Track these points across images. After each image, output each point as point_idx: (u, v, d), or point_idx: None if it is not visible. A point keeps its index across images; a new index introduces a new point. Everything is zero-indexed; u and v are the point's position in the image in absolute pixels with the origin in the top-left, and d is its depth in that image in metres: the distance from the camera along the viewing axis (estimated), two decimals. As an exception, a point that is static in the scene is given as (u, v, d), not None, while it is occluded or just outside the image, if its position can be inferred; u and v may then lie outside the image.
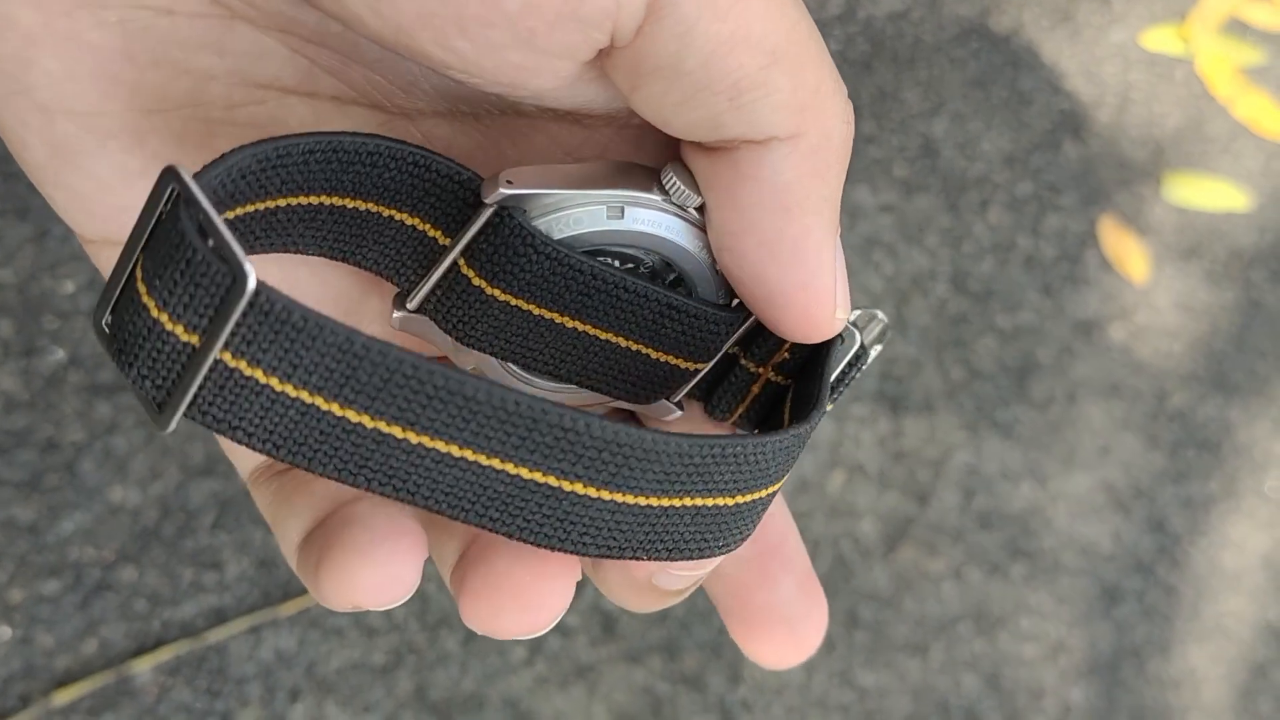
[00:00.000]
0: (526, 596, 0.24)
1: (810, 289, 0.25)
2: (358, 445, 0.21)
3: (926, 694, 1.00)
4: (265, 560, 0.87)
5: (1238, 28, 1.19)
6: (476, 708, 0.89)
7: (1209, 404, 1.12)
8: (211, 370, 0.20)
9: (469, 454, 0.22)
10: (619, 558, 0.24)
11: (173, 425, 0.21)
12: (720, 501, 0.24)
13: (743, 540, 0.26)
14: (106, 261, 0.26)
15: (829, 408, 0.28)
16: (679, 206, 0.25)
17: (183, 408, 0.21)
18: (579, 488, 0.23)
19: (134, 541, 0.84)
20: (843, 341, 0.27)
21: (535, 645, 0.91)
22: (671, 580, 0.27)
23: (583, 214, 0.25)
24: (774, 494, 0.26)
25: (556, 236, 0.25)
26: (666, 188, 0.25)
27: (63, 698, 0.82)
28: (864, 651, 0.99)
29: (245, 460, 0.28)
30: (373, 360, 0.20)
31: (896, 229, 1.05)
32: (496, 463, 0.22)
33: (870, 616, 1.00)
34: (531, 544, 0.23)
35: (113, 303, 0.21)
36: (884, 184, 1.06)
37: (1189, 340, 1.13)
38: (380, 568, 0.23)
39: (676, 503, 0.24)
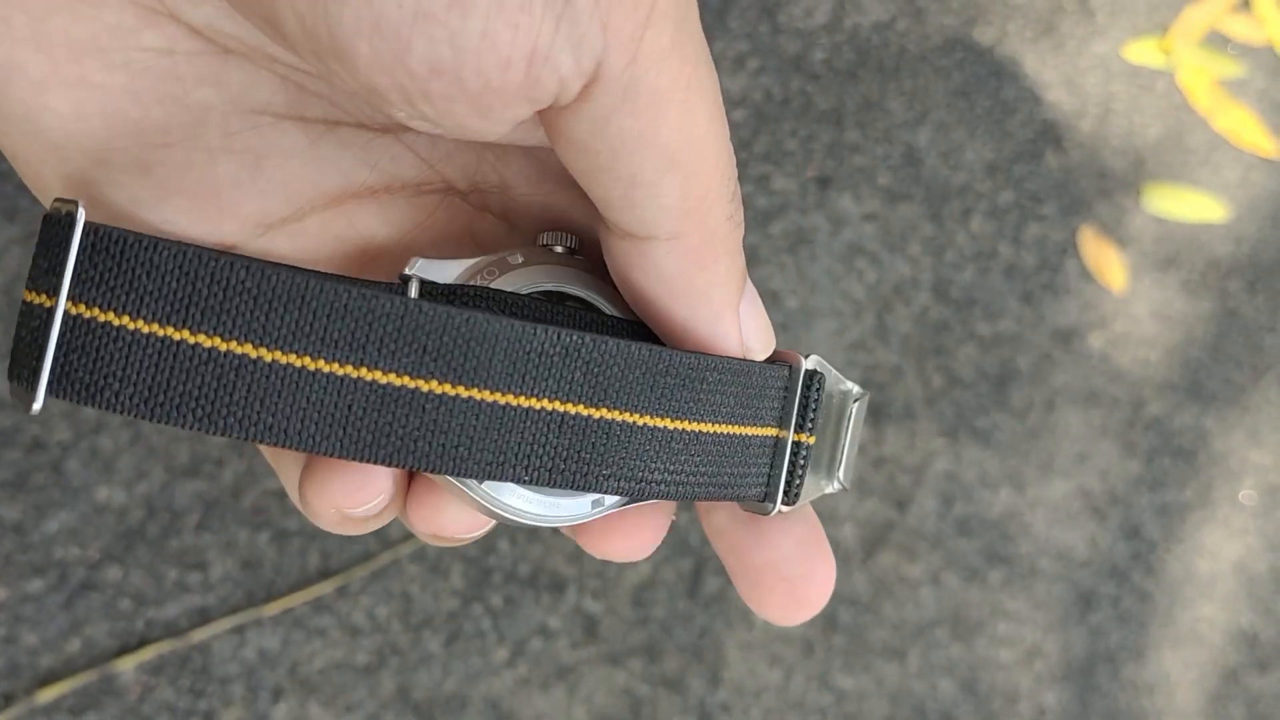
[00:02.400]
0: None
1: (714, 349, 0.27)
2: (219, 379, 0.21)
3: (904, 697, 1.01)
4: (249, 561, 0.87)
5: (1218, 41, 1.20)
6: (458, 708, 0.90)
7: (1185, 413, 1.13)
8: (67, 328, 0.21)
9: (323, 365, 0.22)
10: (500, 478, 0.24)
11: (39, 400, 0.21)
12: (580, 411, 0.24)
13: (639, 487, 0.25)
14: None
15: (790, 436, 0.28)
16: (566, 249, 0.27)
17: (45, 373, 0.21)
18: (434, 386, 0.23)
19: (119, 541, 0.85)
20: (790, 373, 0.28)
21: (517, 647, 0.92)
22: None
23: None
24: (668, 434, 0.25)
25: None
26: (543, 241, 0.27)
27: (46, 696, 0.82)
28: (842, 655, 1.00)
29: None
30: (210, 273, 0.21)
31: (879, 237, 1.06)
32: (350, 370, 0.22)
33: (849, 620, 1.01)
34: (411, 468, 0.23)
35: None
36: (867, 192, 1.07)
37: (1166, 349, 1.14)
38: (352, 472, 0.26)
39: (534, 404, 0.24)
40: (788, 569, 0.28)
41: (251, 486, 0.88)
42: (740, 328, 0.27)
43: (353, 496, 0.26)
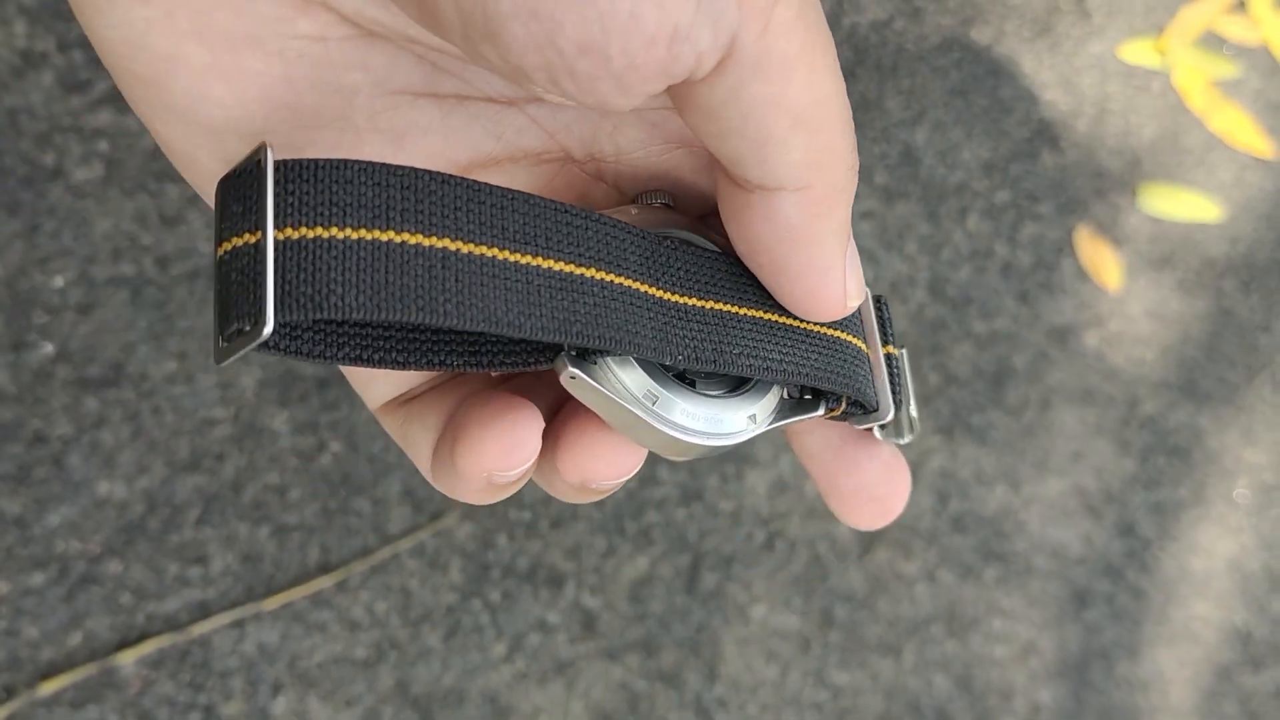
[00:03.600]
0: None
1: (820, 294, 0.29)
2: (429, 271, 0.23)
3: (899, 693, 1.01)
4: (250, 555, 0.88)
5: (1213, 42, 1.21)
6: (457, 703, 0.90)
7: (1180, 411, 1.14)
8: (280, 251, 0.22)
9: (508, 254, 0.24)
10: (661, 357, 0.27)
11: (269, 323, 0.22)
12: (693, 303, 0.28)
13: (766, 365, 0.28)
14: None
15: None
16: (662, 204, 0.30)
17: (270, 294, 0.22)
18: (593, 273, 0.26)
19: (120, 535, 0.85)
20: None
21: (515, 641, 0.92)
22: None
23: None
24: (774, 325, 0.29)
25: None
26: (642, 201, 0.30)
27: (47, 689, 0.82)
28: (838, 651, 1.00)
29: (375, 391, 0.31)
30: (399, 180, 0.23)
31: (876, 235, 1.06)
32: (529, 259, 0.25)
33: (845, 617, 1.01)
34: (598, 346, 0.25)
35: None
36: (865, 191, 1.07)
37: (1161, 348, 1.14)
38: (505, 433, 0.27)
39: (659, 294, 0.27)
40: (876, 490, 0.32)
41: (252, 481, 0.88)
42: (845, 273, 0.29)
43: (508, 457, 0.27)
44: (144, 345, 0.86)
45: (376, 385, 0.31)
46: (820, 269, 0.28)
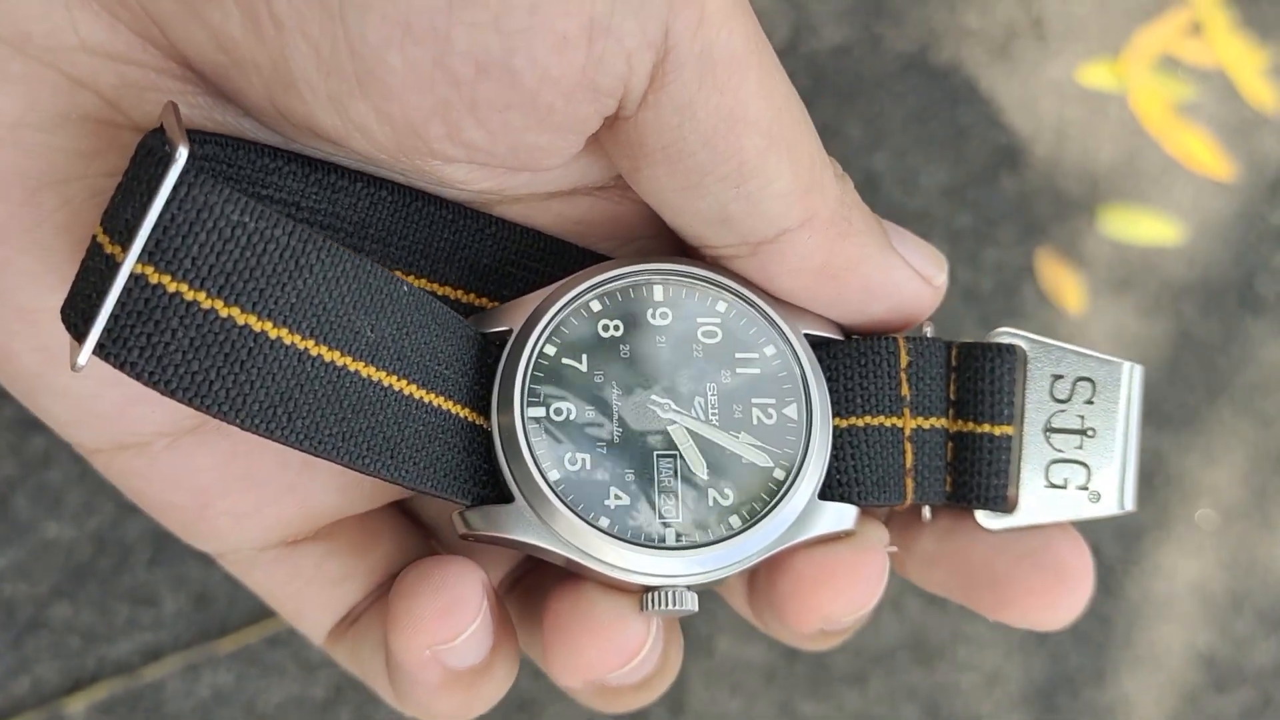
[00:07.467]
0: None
1: (902, 303, 0.25)
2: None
3: (865, 723, 1.01)
4: (202, 596, 0.86)
5: (1170, 64, 1.22)
6: (417, 742, 0.89)
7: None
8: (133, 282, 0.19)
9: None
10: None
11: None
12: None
13: None
14: (120, 475, 0.25)
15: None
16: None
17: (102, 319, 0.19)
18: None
19: (68, 577, 0.83)
20: (1005, 357, 0.25)
21: (476, 679, 0.91)
22: (836, 623, 0.26)
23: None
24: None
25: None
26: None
27: (-7, 737, 0.81)
28: (805, 682, 1.00)
29: (312, 619, 0.27)
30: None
31: (838, 262, 1.06)
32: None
33: (810, 647, 1.00)
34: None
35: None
36: (825, 217, 1.07)
37: (1122, 371, 1.15)
38: (439, 590, 0.24)
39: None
40: (1021, 544, 0.25)
41: (205, 520, 0.86)
42: (909, 262, 0.25)
43: (445, 620, 0.23)
44: (92, 382, 0.84)
45: (312, 613, 0.27)
46: (879, 279, 0.24)
